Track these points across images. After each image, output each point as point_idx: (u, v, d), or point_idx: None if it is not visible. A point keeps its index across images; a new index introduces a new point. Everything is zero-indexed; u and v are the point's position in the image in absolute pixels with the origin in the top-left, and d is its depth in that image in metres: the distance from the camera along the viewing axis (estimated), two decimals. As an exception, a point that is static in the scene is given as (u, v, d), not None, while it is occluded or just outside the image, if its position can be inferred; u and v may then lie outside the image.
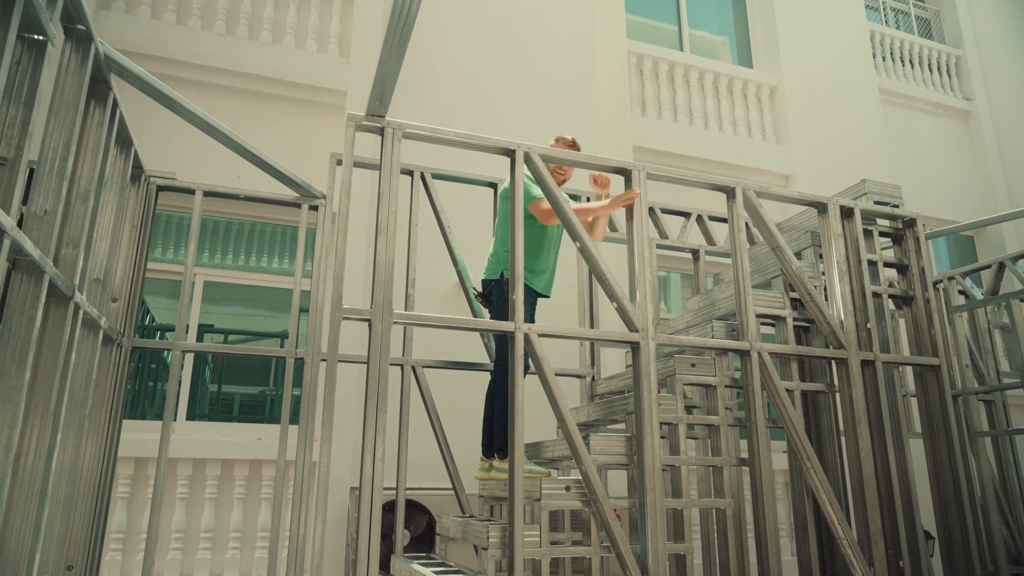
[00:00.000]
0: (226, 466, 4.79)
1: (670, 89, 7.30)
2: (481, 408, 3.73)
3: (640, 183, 3.26)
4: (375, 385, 2.62)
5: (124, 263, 3.47)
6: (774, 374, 3.27)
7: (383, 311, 2.71)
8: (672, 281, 7.12)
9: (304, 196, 4.00)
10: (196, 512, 4.69)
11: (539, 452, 3.67)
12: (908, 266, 3.98)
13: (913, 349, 3.93)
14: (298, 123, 5.72)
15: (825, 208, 3.72)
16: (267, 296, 5.61)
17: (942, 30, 9.67)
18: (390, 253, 2.78)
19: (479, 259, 4.98)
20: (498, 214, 3.82)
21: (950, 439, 3.71)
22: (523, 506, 2.69)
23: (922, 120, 8.82)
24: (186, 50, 5.42)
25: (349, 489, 4.82)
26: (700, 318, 3.91)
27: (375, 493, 2.57)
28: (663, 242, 4.68)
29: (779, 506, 5.74)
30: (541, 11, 6.77)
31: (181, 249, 5.37)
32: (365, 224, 5.19)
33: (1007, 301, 4.62)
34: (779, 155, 7.44)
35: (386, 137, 2.91)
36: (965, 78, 9.28)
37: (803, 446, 3.24)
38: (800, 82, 7.79)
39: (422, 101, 5.94)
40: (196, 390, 5.20)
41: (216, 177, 4.48)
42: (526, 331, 2.86)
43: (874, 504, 3.31)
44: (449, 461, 3.91)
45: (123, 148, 3.18)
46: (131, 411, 4.99)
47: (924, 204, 7.76)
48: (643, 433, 2.91)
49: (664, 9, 8.02)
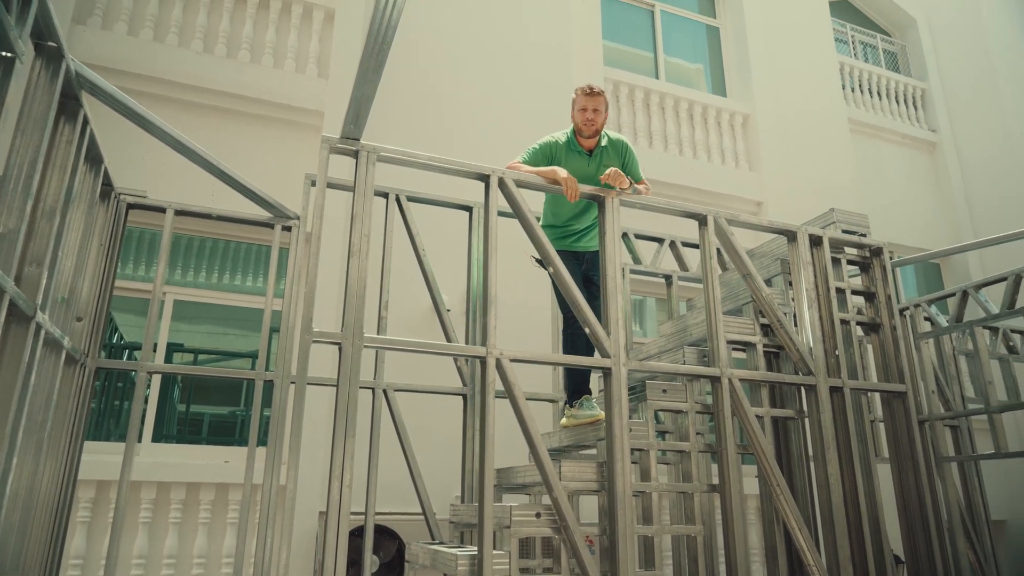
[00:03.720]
0: (191, 489, 4.69)
1: (646, 116, 7.41)
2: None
3: (614, 209, 3.29)
4: (344, 409, 2.59)
5: (91, 281, 3.41)
6: (744, 400, 3.30)
7: (354, 334, 2.69)
8: (648, 305, 7.16)
9: (277, 216, 3.97)
10: (159, 537, 4.57)
11: (510, 478, 3.65)
12: (875, 294, 4.06)
13: (880, 375, 3.99)
14: (275, 143, 5.70)
15: (795, 236, 3.78)
16: (239, 316, 5.54)
17: (908, 63, 9.97)
18: (362, 276, 2.77)
19: (453, 282, 4.98)
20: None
21: (917, 464, 3.75)
22: (493, 533, 2.67)
23: (890, 150, 9.05)
24: (163, 67, 5.39)
25: (317, 514, 4.73)
26: (672, 343, 3.94)
27: (343, 518, 2.53)
28: (637, 267, 4.72)
29: (750, 532, 5.75)
30: (519, 38, 6.85)
31: (153, 266, 5.29)
32: (339, 246, 5.16)
33: (971, 328, 4.72)
34: (752, 182, 7.57)
35: (360, 160, 2.91)
36: (930, 110, 9.56)
37: (773, 472, 3.26)
38: (772, 111, 7.96)
39: (398, 123, 5.96)
40: (164, 410, 5.09)
41: (190, 195, 4.43)
42: (497, 356, 2.85)
43: (843, 530, 3.33)
44: (419, 486, 3.86)
45: (93, 165, 3.14)
46: (95, 432, 4.87)
47: (892, 232, 7.93)
48: (614, 459, 2.91)
49: (640, 36, 8.16)
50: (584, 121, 3.54)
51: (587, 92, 3.53)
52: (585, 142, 3.61)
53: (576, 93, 3.57)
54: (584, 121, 3.54)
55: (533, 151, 3.62)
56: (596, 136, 3.61)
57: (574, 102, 3.58)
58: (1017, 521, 7.62)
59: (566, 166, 3.51)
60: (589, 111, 3.52)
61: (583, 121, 3.54)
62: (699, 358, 3.49)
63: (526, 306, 5.31)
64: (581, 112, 3.54)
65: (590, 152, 3.62)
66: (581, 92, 3.55)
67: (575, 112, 3.58)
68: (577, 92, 3.57)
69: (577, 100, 3.56)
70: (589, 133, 3.57)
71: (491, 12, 6.83)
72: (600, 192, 3.30)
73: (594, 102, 3.52)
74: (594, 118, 3.53)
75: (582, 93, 3.54)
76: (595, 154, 3.62)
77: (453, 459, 4.06)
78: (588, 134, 3.57)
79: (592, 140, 3.61)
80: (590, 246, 3.78)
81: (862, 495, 3.46)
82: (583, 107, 3.52)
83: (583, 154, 3.61)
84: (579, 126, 3.57)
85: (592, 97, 3.52)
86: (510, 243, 3.84)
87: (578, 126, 3.58)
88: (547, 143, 3.63)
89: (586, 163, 3.59)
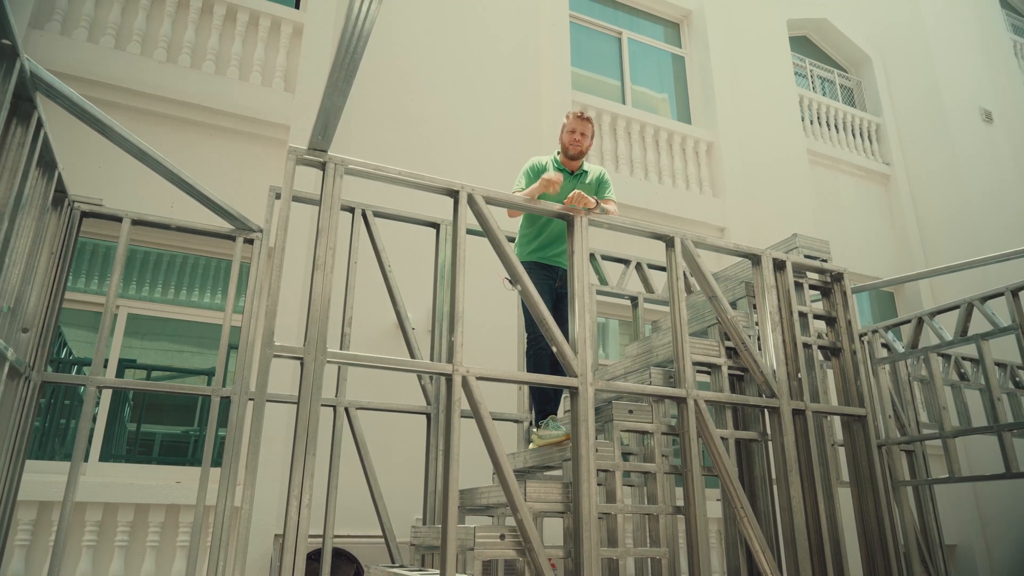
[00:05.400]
0: (140, 511, 4.49)
1: (612, 140, 7.50)
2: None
3: (582, 229, 3.29)
4: (305, 426, 2.51)
5: (39, 291, 3.26)
6: (710, 422, 3.30)
7: (316, 349, 2.62)
8: (611, 328, 7.19)
9: (239, 229, 3.88)
10: (103, 561, 4.36)
11: (474, 499, 3.58)
12: (836, 318, 4.13)
13: (841, 399, 4.04)
14: (239, 156, 5.59)
15: (759, 260, 3.84)
16: (196, 332, 5.38)
17: (864, 99, 10.33)
18: (326, 290, 2.71)
19: (419, 298, 4.92)
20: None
21: (876, 488, 3.80)
22: (456, 555, 2.60)
23: (846, 181, 9.33)
24: (124, 75, 5.26)
25: (273, 536, 4.58)
26: (638, 364, 3.94)
27: (300, 541, 2.44)
28: (603, 288, 4.73)
29: (713, 555, 5.75)
30: (489, 58, 6.90)
31: (107, 281, 5.11)
32: (302, 261, 5.08)
33: (925, 355, 4.83)
34: (715, 208, 7.70)
35: (328, 172, 2.86)
36: (884, 144, 9.91)
37: (737, 494, 3.26)
38: (735, 139, 8.15)
39: (364, 142, 5.92)
40: (113, 429, 4.89)
41: (148, 206, 4.31)
42: (464, 374, 2.81)
43: (804, 553, 3.34)
44: (380, 507, 3.76)
45: (46, 170, 3.03)
46: (39, 451, 4.65)
47: (847, 259, 8.14)
48: (580, 480, 2.87)
49: (608, 65, 8.30)
50: (571, 142, 3.78)
51: (579, 116, 3.79)
52: (569, 163, 3.83)
53: (568, 117, 3.82)
54: (571, 142, 3.78)
55: (527, 176, 3.81)
56: (580, 159, 3.84)
57: (564, 125, 3.82)
58: (967, 546, 7.79)
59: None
60: (577, 133, 3.77)
61: (570, 141, 3.78)
62: (665, 379, 3.49)
63: (492, 326, 5.27)
64: (570, 134, 3.78)
65: (572, 174, 3.82)
66: (573, 116, 3.80)
67: (564, 133, 3.81)
68: (569, 116, 3.82)
69: (568, 123, 3.80)
70: (575, 153, 3.79)
71: (461, 36, 6.88)
72: (570, 211, 3.30)
73: (583, 126, 3.78)
74: (581, 140, 3.78)
75: (574, 117, 3.79)
76: (576, 175, 3.83)
77: (415, 480, 3.98)
78: (574, 154, 3.79)
79: (576, 163, 3.83)
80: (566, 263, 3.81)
81: (823, 518, 3.49)
82: (572, 129, 3.77)
83: (566, 173, 3.80)
84: (566, 146, 3.79)
85: (582, 122, 3.78)
86: (476, 262, 3.81)
87: (565, 146, 3.80)
88: (536, 165, 3.83)
89: (568, 182, 3.77)
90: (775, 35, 9.35)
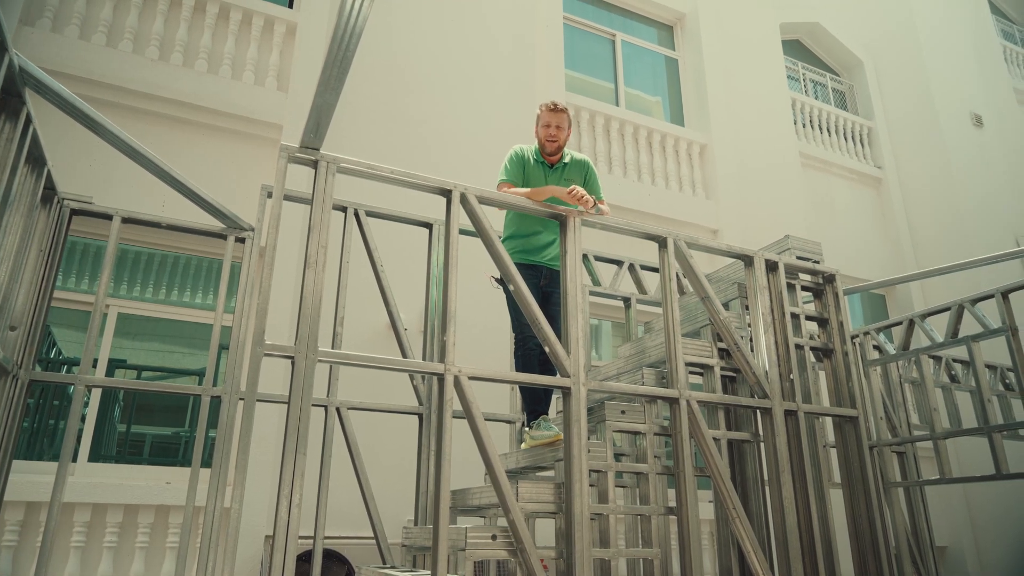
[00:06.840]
0: (129, 512, 4.46)
1: (606, 141, 7.51)
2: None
3: (575, 229, 3.29)
4: (295, 426, 2.49)
5: (27, 289, 3.23)
6: (702, 422, 3.30)
7: (308, 348, 2.60)
8: (604, 329, 7.19)
9: (231, 227, 3.86)
10: (92, 562, 4.32)
11: (465, 500, 3.57)
12: (828, 320, 4.13)
13: (832, 400, 4.05)
14: (231, 155, 5.57)
15: (751, 261, 3.84)
16: (187, 332, 5.34)
17: (856, 102, 10.38)
18: (318, 288, 2.69)
19: (411, 298, 4.91)
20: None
21: (867, 489, 3.80)
22: (447, 556, 2.59)
23: (838, 184, 9.37)
24: (116, 73, 5.22)
25: (263, 537, 4.55)
26: (631, 365, 3.93)
27: (290, 542, 2.42)
28: (596, 289, 4.73)
29: (704, 556, 5.76)
30: (484, 59, 6.90)
31: (96, 280, 5.07)
32: (294, 260, 5.06)
33: (916, 356, 4.85)
34: (708, 210, 7.72)
35: (320, 170, 2.84)
36: (876, 148, 9.96)
37: (729, 495, 3.26)
38: (728, 142, 8.17)
39: (358, 142, 5.90)
40: (103, 429, 4.85)
41: (139, 204, 4.28)
42: (456, 373, 2.80)
43: (796, 554, 3.34)
44: (371, 508, 3.74)
45: (35, 167, 3.00)
46: (27, 452, 4.60)
47: (838, 261, 8.14)
48: (572, 480, 2.87)
49: (602, 67, 8.31)
50: (547, 137, 3.59)
51: (551, 108, 3.57)
52: (548, 157, 3.65)
53: (540, 109, 3.61)
54: (547, 137, 3.59)
55: (511, 167, 3.64)
56: (559, 153, 3.65)
57: (538, 118, 3.62)
58: (957, 547, 7.82)
59: (530, 178, 3.55)
60: (552, 127, 3.56)
61: (546, 137, 3.59)
62: (657, 380, 3.49)
63: (484, 326, 5.26)
64: (544, 128, 3.58)
65: (552, 167, 3.66)
66: (545, 108, 3.58)
67: (539, 128, 3.62)
68: (541, 108, 3.60)
69: (541, 116, 3.60)
70: (551, 150, 3.62)
71: (456, 37, 6.87)
72: (562, 211, 3.29)
73: (557, 118, 3.55)
74: (556, 134, 3.57)
75: (546, 109, 3.58)
76: (557, 168, 3.66)
77: (406, 480, 3.96)
78: (550, 151, 3.62)
79: (555, 156, 3.66)
80: (552, 263, 3.76)
81: (815, 519, 3.49)
82: (547, 123, 3.57)
83: (547, 167, 3.65)
84: (542, 142, 3.62)
85: (556, 113, 3.56)
86: (468, 263, 3.80)
87: (541, 142, 3.63)
88: (517, 154, 3.66)
89: (549, 177, 3.62)
90: (768, 38, 9.39)
